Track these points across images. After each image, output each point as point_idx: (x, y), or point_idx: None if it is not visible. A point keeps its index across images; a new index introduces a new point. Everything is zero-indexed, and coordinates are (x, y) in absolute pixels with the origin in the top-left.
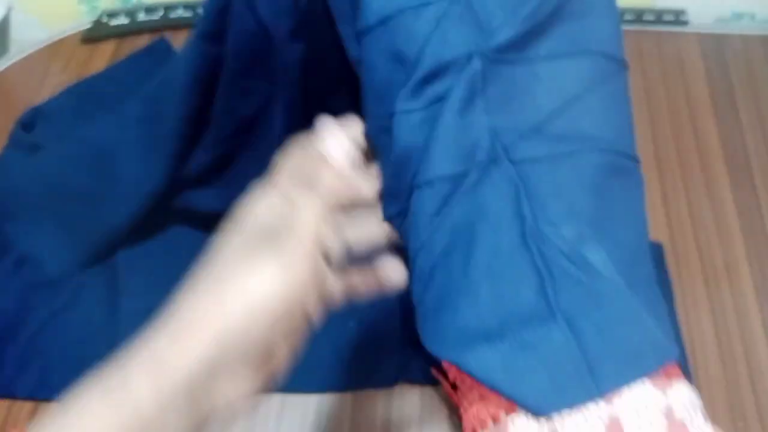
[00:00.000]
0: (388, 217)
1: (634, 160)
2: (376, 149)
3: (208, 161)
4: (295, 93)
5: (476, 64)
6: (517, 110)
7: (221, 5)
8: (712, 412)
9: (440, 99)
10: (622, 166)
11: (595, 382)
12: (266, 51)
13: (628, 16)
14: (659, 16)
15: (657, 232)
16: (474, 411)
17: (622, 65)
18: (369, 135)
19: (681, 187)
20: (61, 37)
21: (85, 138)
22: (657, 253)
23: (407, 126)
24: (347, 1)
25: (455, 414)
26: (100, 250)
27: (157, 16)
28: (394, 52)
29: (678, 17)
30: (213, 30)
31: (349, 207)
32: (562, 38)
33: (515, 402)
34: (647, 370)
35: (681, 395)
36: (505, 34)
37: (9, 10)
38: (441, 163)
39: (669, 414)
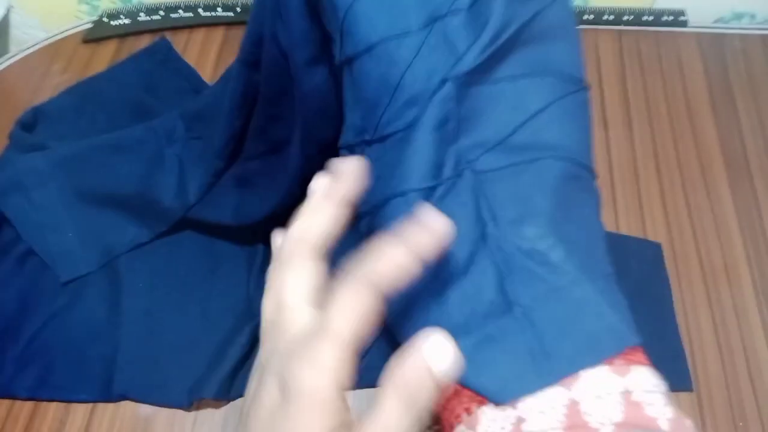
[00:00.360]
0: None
1: (591, 172)
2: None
3: (231, 179)
4: (313, 121)
5: (449, 88)
6: (484, 127)
7: (257, 34)
8: (712, 412)
9: (417, 119)
10: (579, 175)
11: (551, 368)
12: (289, 79)
13: (627, 17)
14: (658, 17)
15: (656, 232)
16: (449, 406)
17: (581, 85)
18: (346, 145)
19: (680, 187)
20: (62, 37)
21: (119, 145)
22: (656, 252)
23: (392, 142)
24: (336, 30)
25: None
26: (111, 257)
27: (157, 16)
28: (379, 77)
29: (677, 18)
30: (251, 57)
31: None
32: (523, 61)
33: (479, 393)
34: (604, 355)
35: (640, 379)
36: (472, 59)
37: (9, 9)
38: (414, 177)
39: (627, 396)
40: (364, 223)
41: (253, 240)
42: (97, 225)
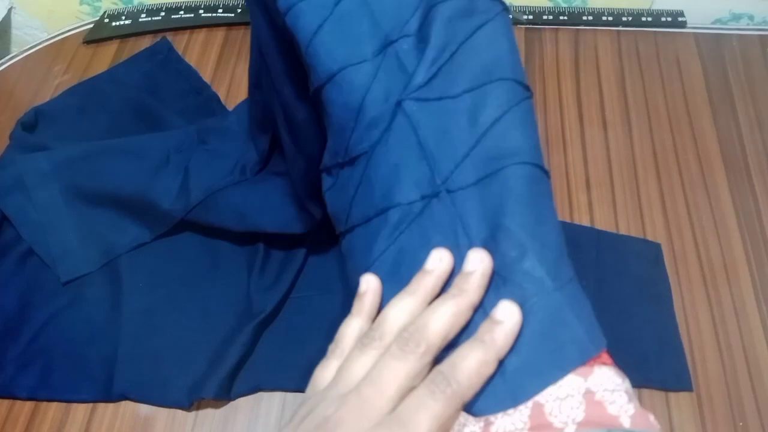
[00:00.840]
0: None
1: (547, 173)
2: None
3: (246, 187)
4: (311, 147)
5: (409, 105)
6: (451, 140)
7: (257, 62)
8: (711, 412)
9: (378, 141)
10: (540, 177)
11: (521, 386)
12: (284, 109)
13: (625, 18)
14: (657, 18)
15: (655, 231)
16: None
17: (529, 91)
18: (324, 168)
19: (679, 187)
20: (63, 37)
21: (126, 149)
22: (656, 252)
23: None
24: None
25: None
26: (112, 257)
27: (158, 17)
28: (343, 103)
29: (676, 18)
30: (258, 80)
31: None
32: (472, 74)
33: None
34: (569, 368)
35: (602, 379)
36: (421, 77)
37: (10, 10)
38: (390, 195)
39: (589, 396)
40: (344, 243)
41: (253, 240)
42: (98, 225)
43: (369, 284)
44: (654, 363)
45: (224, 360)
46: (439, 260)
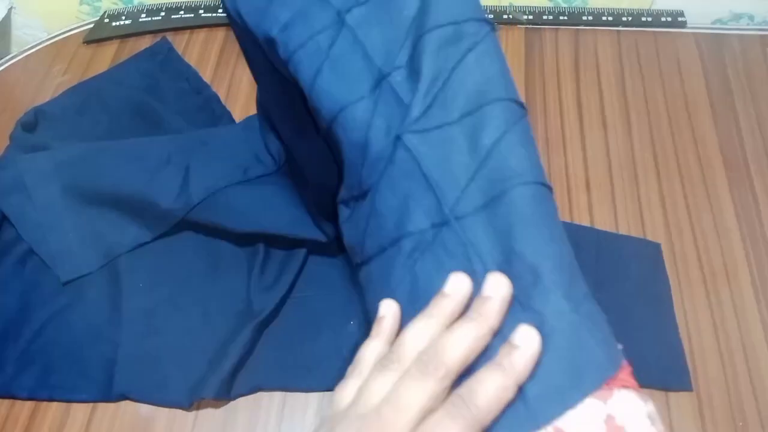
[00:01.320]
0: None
1: (550, 189)
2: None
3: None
4: (318, 179)
5: (409, 139)
6: (454, 167)
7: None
8: (711, 412)
9: (382, 175)
10: (545, 195)
11: (540, 410)
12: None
13: (625, 18)
14: (657, 18)
15: (655, 232)
16: None
17: (523, 108)
18: (342, 201)
19: (679, 187)
20: (63, 38)
21: (127, 150)
22: (655, 253)
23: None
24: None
25: None
26: (112, 257)
27: (158, 17)
28: (349, 140)
29: (676, 18)
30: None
31: None
32: (468, 97)
33: None
34: (587, 391)
35: (622, 403)
36: (418, 109)
37: (10, 10)
38: (402, 226)
39: (609, 421)
40: (361, 275)
41: (253, 240)
42: (98, 225)
43: (388, 309)
44: (654, 363)
45: (224, 360)
46: (457, 284)
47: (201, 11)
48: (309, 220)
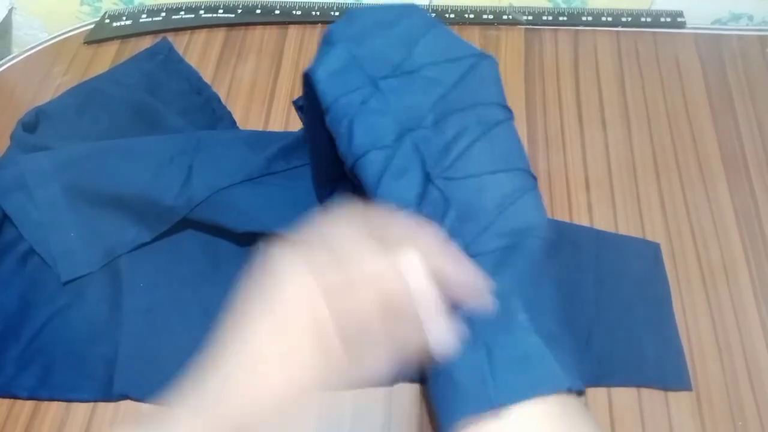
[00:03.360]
0: None
1: (551, 242)
2: None
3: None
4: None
5: (434, 192)
6: (475, 221)
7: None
8: (711, 412)
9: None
10: (549, 248)
11: (491, 395)
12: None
13: (625, 18)
14: (656, 18)
15: (655, 232)
16: None
17: (533, 177)
18: None
19: (678, 187)
20: (64, 38)
21: (129, 150)
22: (655, 253)
23: None
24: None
25: None
26: (113, 257)
27: (159, 18)
28: (365, 182)
29: (675, 19)
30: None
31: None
32: (490, 158)
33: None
34: (541, 392)
35: None
36: (450, 160)
37: (11, 11)
38: None
39: None
40: None
41: (253, 240)
42: (99, 225)
43: None
44: (653, 363)
45: None
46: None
47: (201, 12)
48: (312, 220)
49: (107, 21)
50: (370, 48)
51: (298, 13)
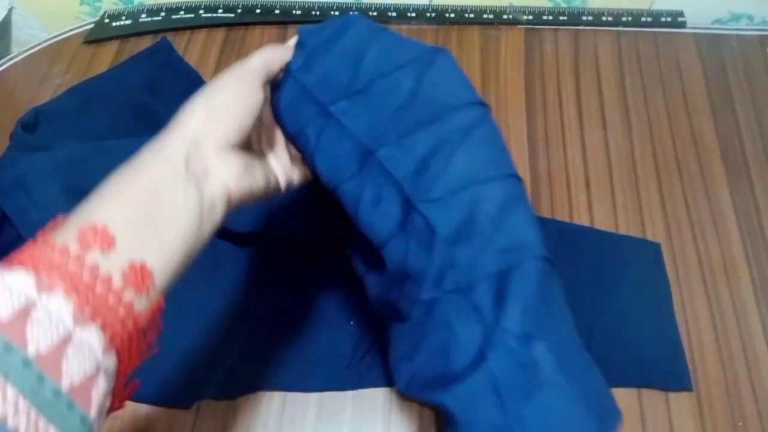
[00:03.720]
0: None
1: (554, 264)
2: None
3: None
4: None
5: (418, 218)
6: (470, 240)
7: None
8: (711, 412)
9: (387, 241)
10: (550, 270)
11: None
12: None
13: (625, 18)
14: (657, 18)
15: (655, 232)
16: None
17: (521, 181)
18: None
19: (679, 187)
20: (63, 38)
21: (130, 150)
22: (655, 252)
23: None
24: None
25: None
26: None
27: (158, 17)
28: (348, 211)
29: (675, 19)
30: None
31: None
32: (463, 172)
33: None
34: None
35: None
36: (437, 191)
37: (11, 11)
38: (419, 287)
39: None
40: (390, 332)
41: (253, 240)
42: None
43: None
44: (653, 363)
45: (224, 360)
46: None
47: (201, 11)
48: (310, 220)
49: (107, 21)
50: (319, 72)
51: (298, 12)
